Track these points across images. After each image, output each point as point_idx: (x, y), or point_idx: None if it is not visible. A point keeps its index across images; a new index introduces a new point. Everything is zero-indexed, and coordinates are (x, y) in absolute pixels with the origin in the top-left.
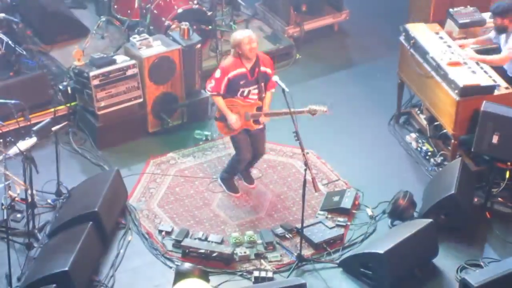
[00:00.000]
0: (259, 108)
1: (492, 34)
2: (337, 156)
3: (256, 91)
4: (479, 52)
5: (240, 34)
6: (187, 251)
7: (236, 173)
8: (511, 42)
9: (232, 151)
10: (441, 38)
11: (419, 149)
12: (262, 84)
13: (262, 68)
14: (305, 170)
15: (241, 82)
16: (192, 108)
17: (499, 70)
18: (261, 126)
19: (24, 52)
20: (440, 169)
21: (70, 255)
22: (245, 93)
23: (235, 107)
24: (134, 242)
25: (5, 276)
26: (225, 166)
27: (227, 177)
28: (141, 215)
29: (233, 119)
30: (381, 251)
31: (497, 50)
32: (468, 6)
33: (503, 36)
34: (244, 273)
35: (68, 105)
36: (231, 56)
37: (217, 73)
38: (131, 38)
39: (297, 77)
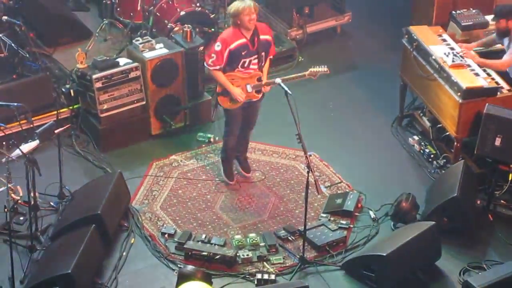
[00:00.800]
0: (259, 79)
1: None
2: (339, 159)
3: (256, 60)
4: (482, 55)
5: (240, 4)
6: (189, 253)
7: (231, 149)
8: None
9: None
10: (444, 40)
11: (421, 151)
12: (263, 53)
13: (262, 37)
14: (308, 172)
15: (243, 53)
16: (194, 111)
17: (503, 72)
18: (260, 96)
19: (27, 55)
20: (443, 171)
21: (72, 257)
22: (246, 64)
23: (236, 80)
24: (137, 245)
25: (8, 278)
26: (221, 148)
27: (224, 157)
28: (143, 217)
29: (238, 92)
30: (384, 254)
31: (502, 52)
32: (471, 9)
33: (506, 39)
34: (247, 276)
35: (71, 107)
36: (230, 27)
37: (217, 46)
38: (133, 41)
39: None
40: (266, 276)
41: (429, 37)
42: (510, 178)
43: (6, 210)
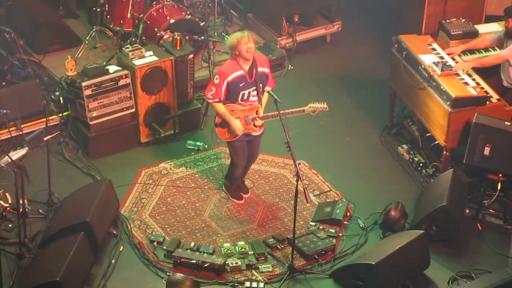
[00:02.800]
0: (258, 111)
1: (492, 37)
2: (329, 167)
3: (255, 92)
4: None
5: (237, 34)
6: (178, 261)
7: (236, 179)
8: None
9: (224, 161)
10: (433, 49)
11: (411, 160)
12: (261, 85)
13: (260, 69)
14: (297, 180)
15: (241, 85)
16: (184, 119)
17: (494, 78)
18: (261, 131)
19: (16, 62)
20: (432, 180)
21: (61, 265)
22: (245, 96)
23: (235, 112)
24: (126, 252)
25: None
26: (225, 174)
27: (228, 184)
28: (132, 225)
29: (237, 123)
30: (373, 262)
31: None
32: (461, 18)
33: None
34: (236, 284)
35: (60, 115)
36: (229, 59)
37: (216, 79)
38: (123, 48)
39: (289, 87)
40: (254, 284)
41: (418, 46)
42: (499, 187)
43: None
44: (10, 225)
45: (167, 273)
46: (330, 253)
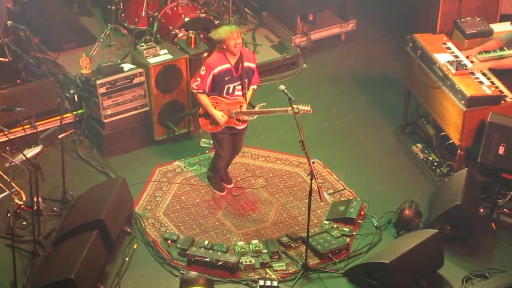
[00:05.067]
0: (242, 107)
1: (503, 37)
2: (343, 166)
3: (240, 87)
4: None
5: (225, 29)
6: (192, 259)
7: (219, 170)
8: None
9: (239, 159)
10: (448, 48)
11: (425, 159)
12: (246, 80)
13: (246, 64)
14: (311, 179)
15: (226, 78)
16: (198, 117)
17: (509, 78)
18: (244, 126)
19: (31, 60)
20: (446, 179)
21: (75, 263)
22: (231, 90)
23: (219, 104)
24: (140, 250)
25: (10, 283)
26: (209, 166)
27: (211, 176)
28: (146, 223)
29: (219, 115)
30: (387, 261)
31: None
32: (475, 17)
33: None
34: (249, 282)
35: (75, 112)
36: (216, 51)
37: (202, 70)
38: (138, 47)
39: (303, 86)
40: (268, 283)
41: (433, 45)
42: None
43: (9, 214)
44: (24, 223)
45: (181, 271)
46: (344, 252)
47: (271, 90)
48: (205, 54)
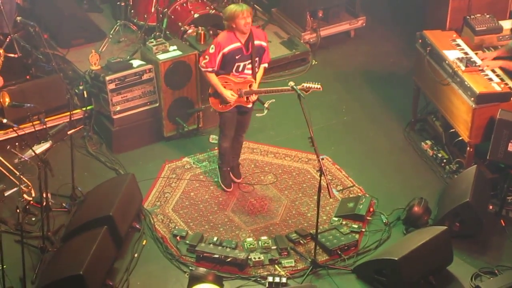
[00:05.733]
0: (252, 85)
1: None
2: (352, 162)
3: (250, 65)
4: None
5: (235, 8)
6: (201, 255)
7: (224, 153)
8: None
9: (248, 155)
10: (457, 45)
11: (434, 156)
12: (257, 59)
13: (256, 42)
14: (320, 175)
15: (237, 57)
16: (207, 113)
17: None
18: (251, 105)
19: (41, 56)
20: (455, 176)
21: (84, 259)
22: (240, 68)
23: (228, 84)
24: (149, 247)
25: (19, 279)
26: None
27: (219, 164)
28: (155, 219)
29: (228, 94)
30: (396, 258)
31: None
32: (485, 14)
33: None
34: (258, 279)
35: (84, 109)
36: (225, 30)
37: (211, 48)
38: (147, 43)
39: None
40: (277, 279)
41: (443, 42)
42: None
43: (18, 210)
44: (33, 219)
45: (190, 268)
46: (353, 249)
47: (280, 86)
48: None
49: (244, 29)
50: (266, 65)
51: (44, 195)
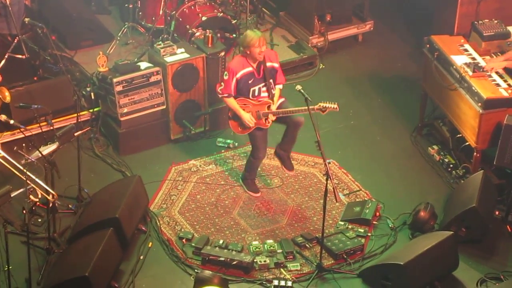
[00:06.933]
0: (270, 107)
1: None
2: (359, 167)
3: (265, 88)
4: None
5: (252, 36)
6: (207, 258)
7: (254, 171)
8: None
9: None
10: (465, 50)
11: (441, 161)
12: (271, 80)
13: (268, 64)
14: (327, 179)
15: (250, 82)
16: (214, 116)
17: None
18: (269, 124)
19: (48, 57)
20: (462, 181)
21: (90, 260)
22: (256, 92)
23: (247, 106)
24: (154, 249)
25: (25, 280)
26: (244, 166)
27: (247, 176)
28: (161, 221)
29: (247, 117)
30: (402, 263)
31: None
32: (493, 19)
33: None
34: (264, 282)
35: (91, 110)
36: (238, 54)
37: (225, 75)
38: (155, 45)
39: (320, 87)
40: (283, 283)
41: (450, 47)
42: None
43: (24, 211)
44: (39, 220)
45: (196, 270)
46: (359, 253)
47: (288, 90)
48: (222, 53)
49: (258, 57)
50: (281, 86)
51: (50, 197)
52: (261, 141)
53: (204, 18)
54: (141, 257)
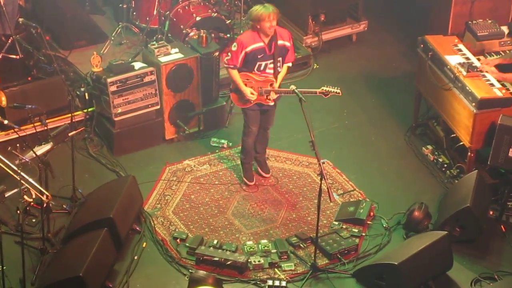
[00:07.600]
0: (272, 85)
1: None
2: (353, 167)
3: (272, 65)
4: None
5: (262, 10)
6: (201, 258)
7: (248, 149)
8: None
9: None
10: (459, 50)
11: (435, 160)
12: (279, 58)
13: (280, 42)
14: (321, 180)
15: (259, 56)
16: (209, 116)
17: None
18: (272, 103)
19: (42, 57)
20: (456, 181)
21: (84, 260)
22: (262, 67)
23: (249, 81)
24: (149, 249)
25: (19, 280)
26: (240, 148)
27: (242, 158)
28: (156, 221)
29: (248, 92)
30: (396, 262)
31: None
32: (487, 19)
33: None
34: (258, 282)
35: (85, 110)
36: (249, 29)
37: (234, 46)
38: (149, 45)
39: (314, 86)
40: (277, 283)
41: (444, 47)
42: None
43: (18, 211)
44: (33, 220)
45: (190, 270)
46: (353, 253)
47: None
48: (217, 53)
49: (268, 31)
50: (290, 64)
51: (45, 198)
52: (253, 119)
53: (198, 18)
54: (136, 257)
